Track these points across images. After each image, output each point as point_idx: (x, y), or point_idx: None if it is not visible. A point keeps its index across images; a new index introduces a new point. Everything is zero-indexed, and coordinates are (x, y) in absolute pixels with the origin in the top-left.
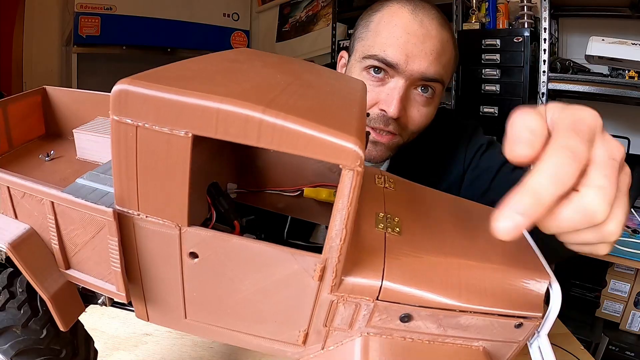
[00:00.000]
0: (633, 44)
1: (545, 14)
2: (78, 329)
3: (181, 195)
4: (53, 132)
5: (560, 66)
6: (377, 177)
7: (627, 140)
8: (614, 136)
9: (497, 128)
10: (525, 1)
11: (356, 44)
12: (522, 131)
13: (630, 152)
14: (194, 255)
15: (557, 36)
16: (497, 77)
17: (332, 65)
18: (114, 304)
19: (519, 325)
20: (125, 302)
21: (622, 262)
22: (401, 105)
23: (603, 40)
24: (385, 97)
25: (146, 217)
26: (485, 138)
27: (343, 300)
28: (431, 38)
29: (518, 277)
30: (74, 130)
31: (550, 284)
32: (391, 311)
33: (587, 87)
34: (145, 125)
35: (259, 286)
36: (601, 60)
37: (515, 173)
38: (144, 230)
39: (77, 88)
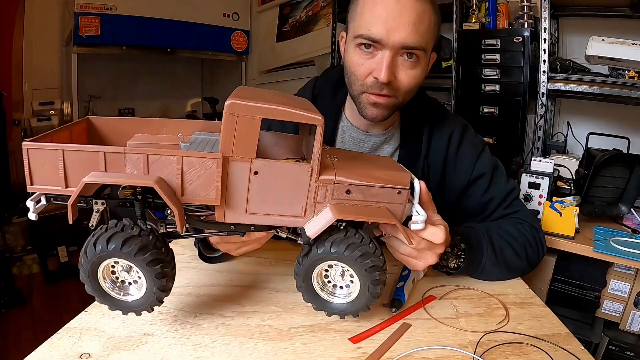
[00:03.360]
0: (633, 44)
1: (545, 14)
2: (169, 246)
3: (253, 144)
4: None
5: (560, 66)
6: (326, 154)
7: (627, 140)
8: (614, 136)
9: (497, 128)
10: (525, 1)
11: (349, 24)
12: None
13: (630, 152)
14: (256, 173)
15: (557, 36)
16: (497, 77)
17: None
18: (187, 231)
19: (399, 192)
20: (219, 204)
21: (622, 262)
22: (390, 71)
23: (603, 40)
24: (376, 66)
25: (236, 157)
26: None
27: (321, 185)
28: (407, 11)
29: (397, 172)
30: (128, 142)
31: (412, 177)
32: (341, 189)
33: (587, 87)
34: (241, 115)
35: (285, 186)
36: (601, 60)
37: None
38: (234, 164)
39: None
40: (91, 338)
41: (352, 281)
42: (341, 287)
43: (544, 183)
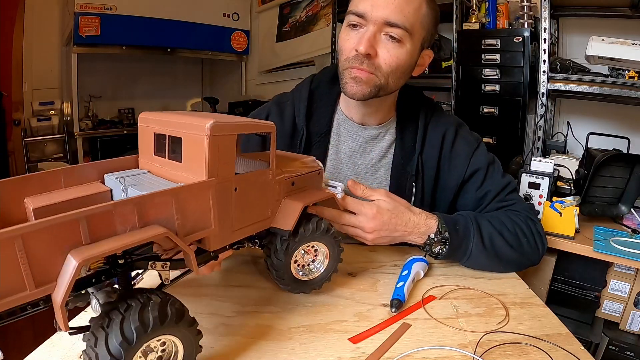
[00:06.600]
0: (633, 44)
1: (545, 14)
2: None
3: (233, 162)
4: None
5: (560, 66)
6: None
7: (627, 140)
8: (614, 136)
9: (497, 128)
10: (525, 1)
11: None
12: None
13: (630, 152)
14: (236, 189)
15: (557, 36)
16: (497, 77)
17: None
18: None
19: (319, 173)
20: (217, 230)
21: (622, 262)
22: (369, 44)
23: (603, 40)
24: (358, 39)
25: (222, 178)
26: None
27: (278, 183)
28: None
29: (305, 159)
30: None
31: (320, 164)
32: (288, 183)
33: (587, 87)
34: (223, 134)
35: (257, 193)
36: (601, 60)
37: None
38: (221, 186)
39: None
40: None
41: (316, 255)
42: (311, 264)
43: (544, 183)
